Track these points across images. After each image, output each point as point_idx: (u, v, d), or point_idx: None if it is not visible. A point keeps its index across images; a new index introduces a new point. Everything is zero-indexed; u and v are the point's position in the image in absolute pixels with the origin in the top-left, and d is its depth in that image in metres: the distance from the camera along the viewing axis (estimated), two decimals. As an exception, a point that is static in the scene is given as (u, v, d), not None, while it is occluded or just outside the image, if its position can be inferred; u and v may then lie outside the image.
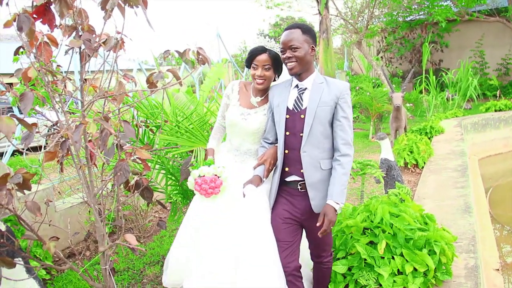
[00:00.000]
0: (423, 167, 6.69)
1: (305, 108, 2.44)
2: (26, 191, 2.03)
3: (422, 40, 17.43)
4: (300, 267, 2.51)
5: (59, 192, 4.89)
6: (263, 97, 2.70)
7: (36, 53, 2.08)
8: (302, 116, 2.44)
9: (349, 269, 2.93)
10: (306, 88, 2.48)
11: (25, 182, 1.96)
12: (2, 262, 1.78)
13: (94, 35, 2.15)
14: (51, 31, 2.07)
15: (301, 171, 2.45)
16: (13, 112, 4.14)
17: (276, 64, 2.60)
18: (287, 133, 2.49)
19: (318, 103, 2.41)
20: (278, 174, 2.54)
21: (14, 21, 1.89)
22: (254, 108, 2.69)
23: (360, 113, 12.27)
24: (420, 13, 16.49)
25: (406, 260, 2.84)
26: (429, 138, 8.49)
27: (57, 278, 3.81)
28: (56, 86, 2.28)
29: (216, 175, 2.54)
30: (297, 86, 2.51)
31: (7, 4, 1.85)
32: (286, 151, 2.50)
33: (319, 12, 8.80)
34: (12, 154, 4.64)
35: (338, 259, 3.00)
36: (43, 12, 1.98)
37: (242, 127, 2.67)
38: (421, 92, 14.00)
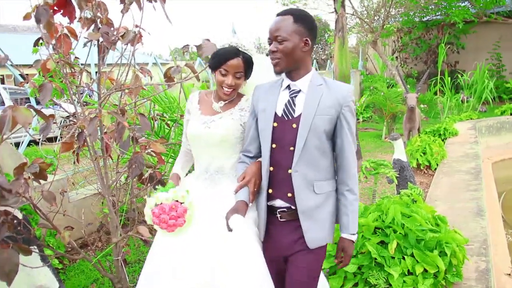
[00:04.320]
0: (435, 169, 6.64)
1: (299, 116, 1.93)
2: (41, 181, 2.07)
3: (438, 41, 17.21)
4: None
5: (72, 183, 4.94)
6: (226, 102, 2.23)
7: (55, 44, 2.11)
8: (294, 126, 1.93)
9: (359, 268, 2.93)
10: (300, 91, 1.97)
11: (42, 172, 2.00)
12: (20, 249, 1.82)
13: (112, 28, 2.18)
14: (71, 24, 2.10)
15: (288, 195, 1.96)
16: (30, 102, 4.21)
17: (247, 69, 2.17)
18: (274, 145, 1.97)
19: (316, 110, 1.90)
20: (265, 199, 2.01)
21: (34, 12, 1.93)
22: (218, 114, 2.21)
23: (374, 113, 12.20)
24: (437, 14, 16.28)
25: (417, 260, 2.83)
26: (443, 140, 8.42)
27: (69, 267, 3.87)
28: (74, 78, 2.31)
29: (177, 201, 1.90)
30: (288, 87, 2.00)
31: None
32: (271, 168, 1.99)
33: (335, 11, 8.74)
34: (28, 145, 4.71)
35: (348, 258, 3.00)
36: (64, 5, 2.01)
37: (206, 138, 2.17)
38: (435, 93, 13.87)
